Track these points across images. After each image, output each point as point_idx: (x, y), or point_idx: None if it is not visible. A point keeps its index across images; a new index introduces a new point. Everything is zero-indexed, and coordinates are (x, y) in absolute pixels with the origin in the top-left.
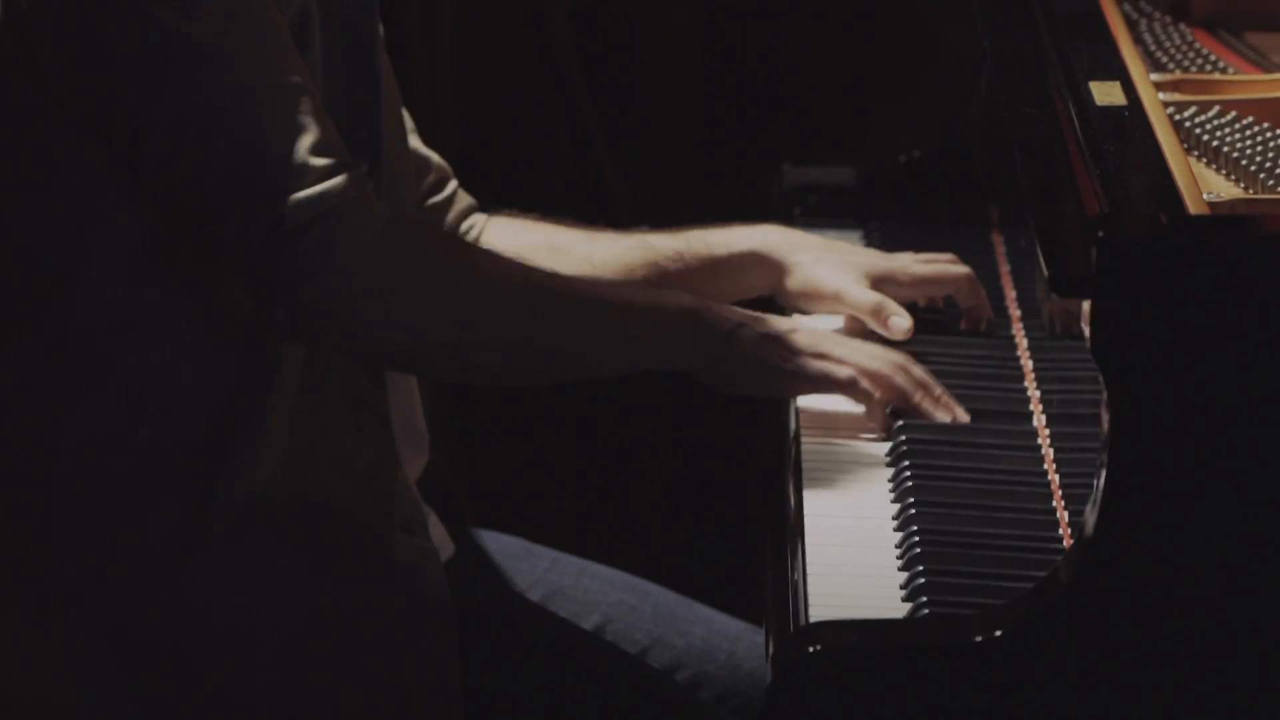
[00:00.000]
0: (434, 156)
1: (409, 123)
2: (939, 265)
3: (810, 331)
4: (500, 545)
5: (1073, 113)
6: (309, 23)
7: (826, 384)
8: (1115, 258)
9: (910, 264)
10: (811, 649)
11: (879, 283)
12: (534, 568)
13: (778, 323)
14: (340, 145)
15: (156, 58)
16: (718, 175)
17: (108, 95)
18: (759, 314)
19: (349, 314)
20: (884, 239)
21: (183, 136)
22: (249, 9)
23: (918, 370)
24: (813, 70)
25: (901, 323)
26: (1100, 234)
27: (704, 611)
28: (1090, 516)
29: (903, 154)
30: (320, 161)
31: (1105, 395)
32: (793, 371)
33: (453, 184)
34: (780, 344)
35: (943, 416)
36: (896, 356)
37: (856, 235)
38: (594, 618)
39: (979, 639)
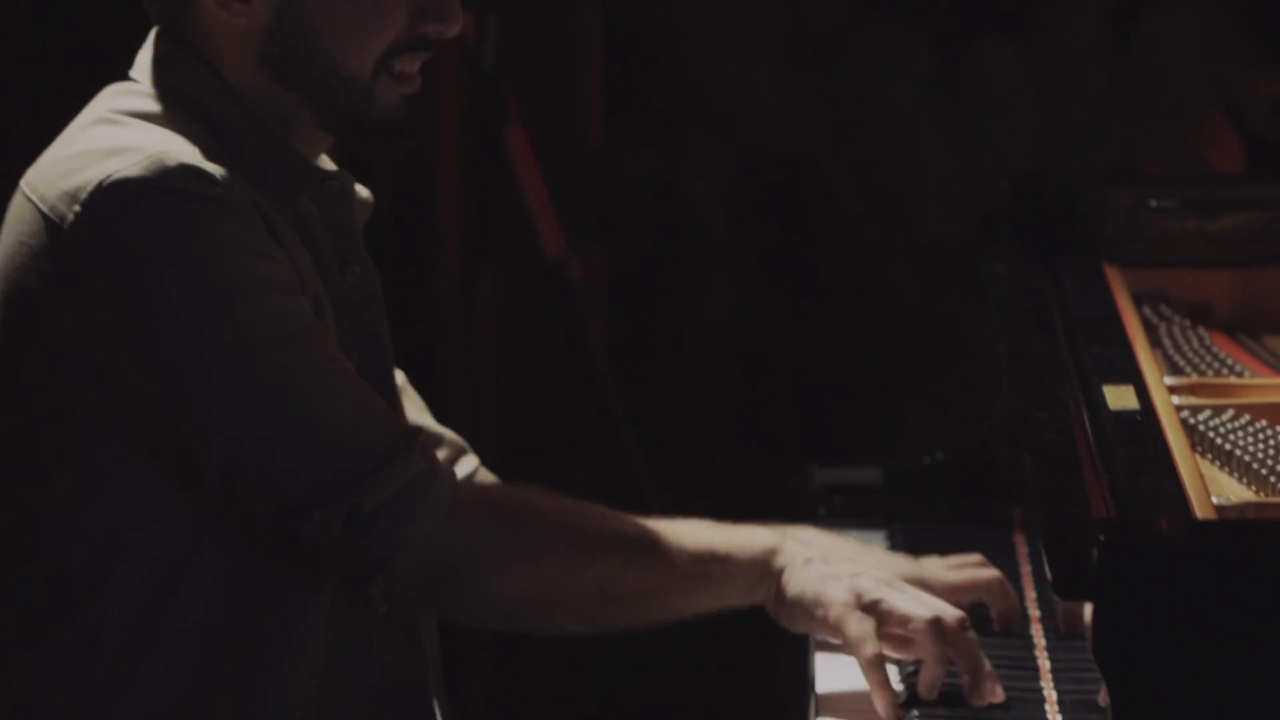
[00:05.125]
0: (447, 432)
1: (419, 400)
2: (969, 571)
3: (882, 574)
4: None
5: (1085, 417)
6: (322, 312)
7: (902, 622)
8: (1115, 562)
9: (942, 571)
10: None
11: None
12: None
13: (853, 558)
14: (394, 419)
15: (199, 372)
16: (751, 476)
17: (151, 413)
18: (843, 548)
19: (437, 584)
20: (907, 540)
21: (242, 445)
22: (279, 305)
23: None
24: (846, 372)
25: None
26: (1100, 539)
27: None
28: None
29: (927, 456)
30: (383, 440)
31: (1108, 697)
32: (837, 617)
33: (472, 460)
34: (844, 584)
35: (989, 697)
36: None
37: (880, 535)
38: None
39: None
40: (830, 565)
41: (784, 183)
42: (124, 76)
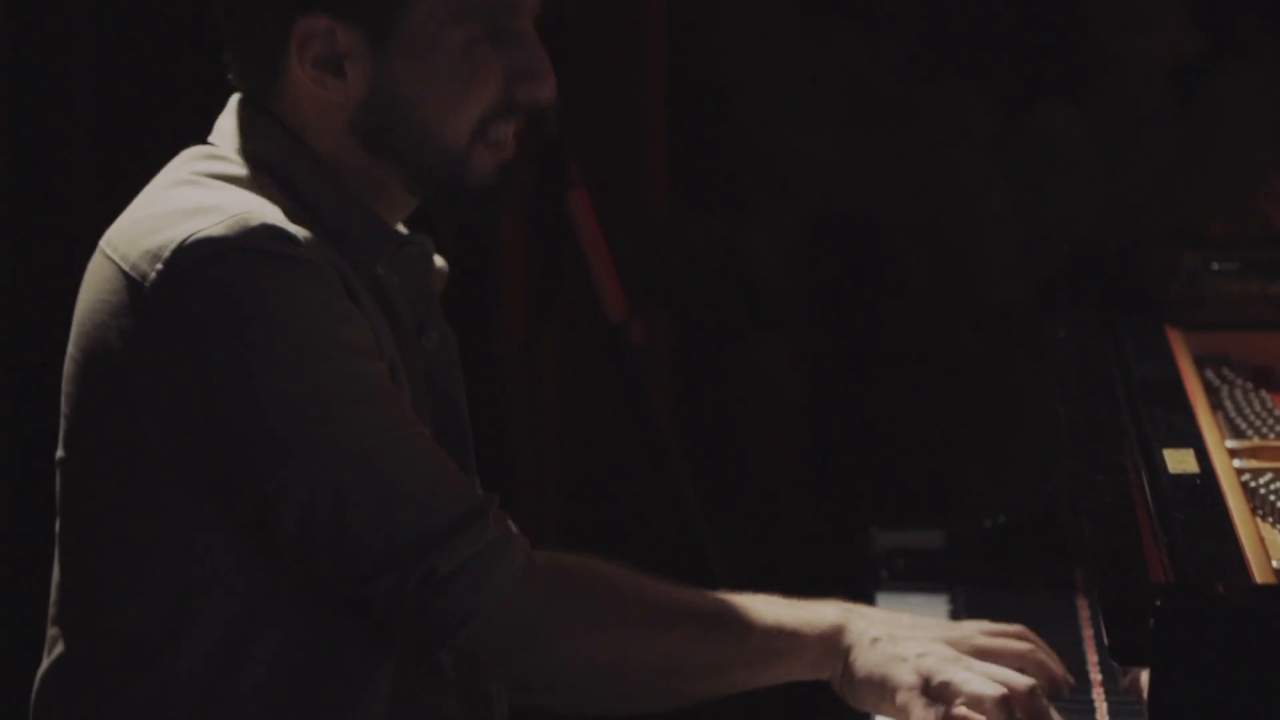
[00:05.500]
0: None
1: None
2: (1002, 640)
3: (949, 652)
4: None
5: (1144, 480)
6: (398, 379)
7: (973, 702)
8: (1172, 627)
9: (973, 636)
10: None
11: None
12: None
13: (917, 634)
14: (469, 485)
15: (276, 430)
16: (816, 539)
17: (227, 473)
18: (904, 623)
19: (507, 650)
20: (969, 603)
21: (316, 505)
22: (356, 367)
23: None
24: (908, 434)
25: None
26: (1158, 603)
27: None
28: None
29: (989, 519)
30: (459, 506)
31: None
32: (904, 701)
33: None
34: (910, 666)
35: None
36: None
37: (942, 599)
38: None
39: None
40: (897, 645)
41: (847, 244)
42: (187, 138)
